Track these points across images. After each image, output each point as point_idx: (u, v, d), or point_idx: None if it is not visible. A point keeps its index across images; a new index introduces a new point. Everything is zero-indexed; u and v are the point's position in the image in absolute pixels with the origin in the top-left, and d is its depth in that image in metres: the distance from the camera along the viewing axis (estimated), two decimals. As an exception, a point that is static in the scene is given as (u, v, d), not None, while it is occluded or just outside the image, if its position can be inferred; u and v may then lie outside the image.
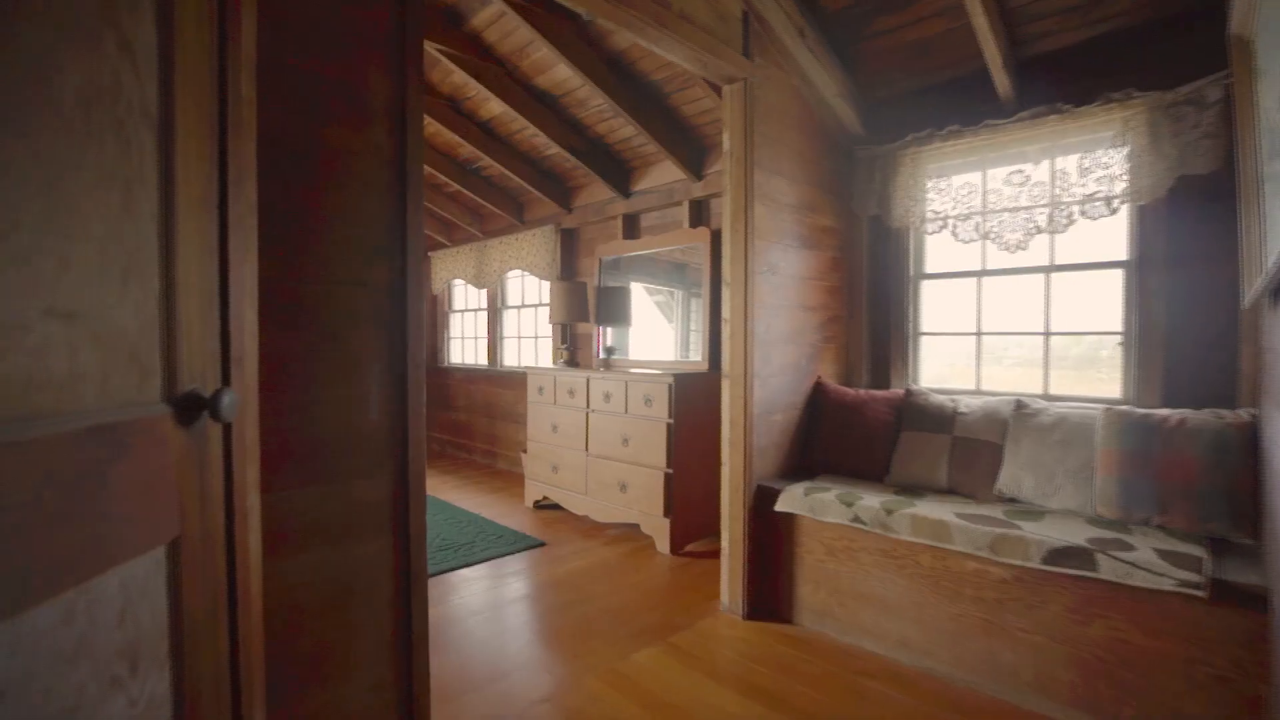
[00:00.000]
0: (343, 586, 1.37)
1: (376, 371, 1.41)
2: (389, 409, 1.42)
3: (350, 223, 1.37)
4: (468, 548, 3.25)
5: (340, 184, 1.36)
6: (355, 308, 1.38)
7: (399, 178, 1.44)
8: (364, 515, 1.39)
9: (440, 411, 6.27)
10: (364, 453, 1.39)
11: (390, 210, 1.43)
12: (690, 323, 3.87)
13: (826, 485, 2.42)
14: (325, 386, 1.33)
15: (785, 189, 2.65)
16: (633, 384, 3.39)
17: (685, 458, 3.25)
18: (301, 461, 1.30)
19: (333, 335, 1.35)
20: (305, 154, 1.31)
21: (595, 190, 4.40)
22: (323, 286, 1.33)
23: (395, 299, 1.43)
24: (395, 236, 1.43)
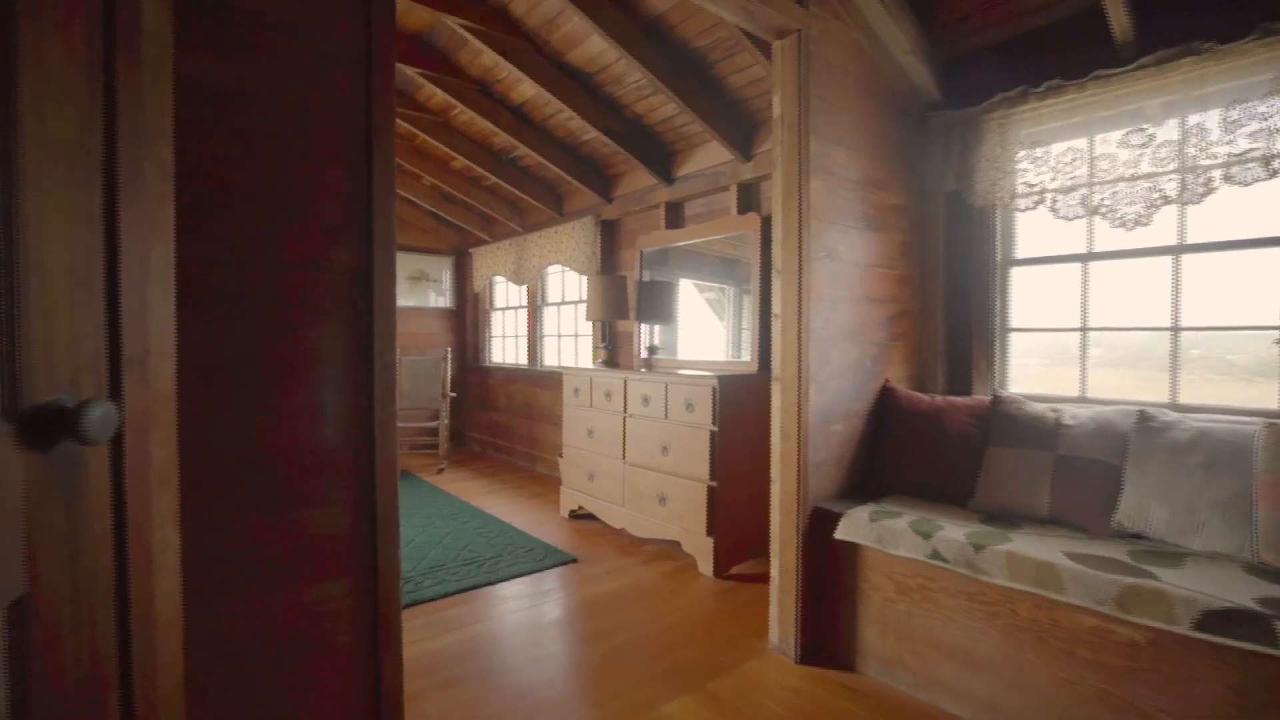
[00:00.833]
0: (293, 638, 1.12)
1: (336, 376, 1.15)
2: (351, 422, 1.16)
3: (303, 193, 1.12)
4: (494, 562, 3.02)
5: (290, 145, 1.11)
6: (309, 298, 1.12)
7: (364, 138, 1.18)
8: (320, 551, 1.14)
9: (481, 412, 6.13)
10: (319, 475, 1.13)
11: (354, 178, 1.17)
12: (742, 321, 3.53)
13: (896, 510, 2.04)
14: (270, 395, 1.08)
15: (846, 161, 2.28)
16: (673, 386, 3.07)
17: (731, 469, 2.91)
18: (238, 487, 1.06)
19: (280, 332, 1.09)
20: (244, 108, 1.06)
21: (636, 178, 4.10)
22: (267, 271, 1.08)
23: (360, 287, 1.17)
24: (360, 210, 1.17)
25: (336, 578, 1.15)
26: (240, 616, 1.06)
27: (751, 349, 3.29)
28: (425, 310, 6.15)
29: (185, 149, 1.00)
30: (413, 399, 5.59)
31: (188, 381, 1.00)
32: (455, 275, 6.33)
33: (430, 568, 2.94)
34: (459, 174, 5.04)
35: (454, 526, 3.59)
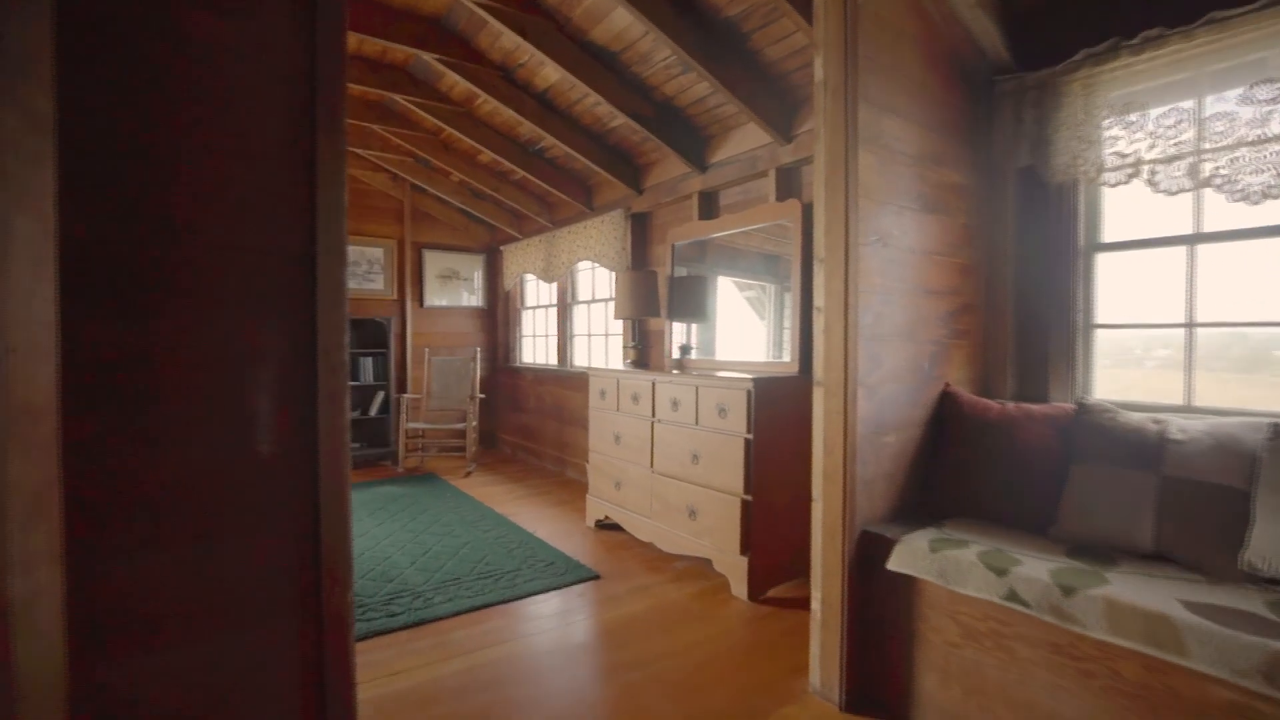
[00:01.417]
0: (215, 698, 0.91)
1: (270, 380, 0.94)
2: (291, 434, 0.96)
3: (230, 160, 0.92)
4: (511, 577, 2.82)
5: (214, 100, 0.91)
6: (235, 285, 0.92)
7: (308, 93, 0.97)
8: (250, 591, 0.93)
9: (511, 413, 5.98)
10: (250, 498, 0.93)
11: (295, 141, 0.96)
12: (783, 320, 3.24)
13: (962, 537, 1.73)
14: (187, 401, 0.88)
15: (900, 132, 1.98)
16: (704, 390, 2.81)
17: (768, 482, 2.63)
18: (143, 515, 0.86)
19: (199, 326, 0.89)
20: (154, 51, 0.87)
21: (667, 166, 3.85)
22: (183, 252, 0.88)
23: (300, 273, 0.96)
24: (301, 181, 0.96)
25: (270, 627, 0.95)
26: (144, 679, 0.86)
27: (792, 348, 3.00)
28: (456, 309, 6.04)
29: (72, 93, 0.81)
30: (442, 400, 5.48)
31: (76, 387, 0.80)
32: (486, 273, 6.21)
33: (444, 581, 2.76)
34: (486, 168, 4.89)
35: (474, 535, 3.41)
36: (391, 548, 3.21)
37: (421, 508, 3.97)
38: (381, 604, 2.53)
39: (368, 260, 5.51)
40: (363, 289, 5.49)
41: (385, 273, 5.60)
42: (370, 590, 2.66)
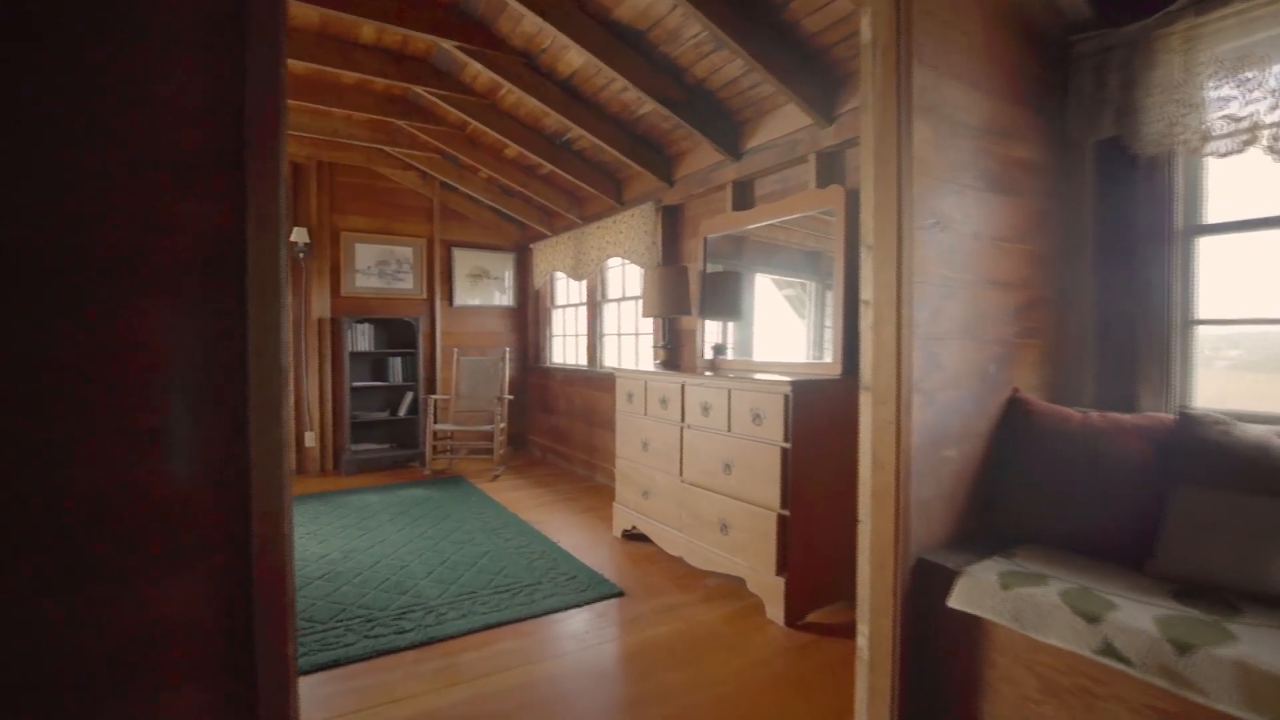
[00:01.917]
0: (120, 781, 0.75)
1: (189, 386, 0.77)
2: (214, 453, 0.78)
3: (127, 106, 0.75)
4: (530, 591, 2.64)
5: (96, 20, 0.74)
6: (143, 271, 0.75)
7: (235, 13, 0.79)
8: (161, 647, 0.76)
9: (541, 414, 5.84)
10: (162, 532, 0.76)
11: (216, 81, 0.79)
12: (824, 318, 2.99)
13: (1037, 570, 1.47)
14: (79, 414, 0.72)
15: (962, 100, 1.72)
16: (736, 393, 2.58)
17: (808, 495, 2.39)
18: (21, 554, 0.70)
19: (96, 321, 0.73)
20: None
21: (699, 155, 3.63)
22: (72, 231, 0.72)
23: (226, 257, 0.79)
24: (226, 137, 0.79)
25: (194, 683, 0.78)
26: (22, 754, 0.70)
27: (834, 348, 2.74)
28: (486, 309, 5.94)
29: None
30: (470, 401, 5.37)
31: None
32: (517, 272, 6.09)
33: (459, 595, 2.60)
34: (513, 163, 4.75)
35: (495, 545, 3.26)
36: (409, 555, 3.08)
37: (445, 513, 3.85)
38: (392, 618, 2.38)
39: (397, 259, 5.45)
40: (392, 288, 5.43)
41: (414, 272, 5.53)
42: (382, 602, 2.52)
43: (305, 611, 2.43)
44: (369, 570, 2.88)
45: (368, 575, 2.82)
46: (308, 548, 3.20)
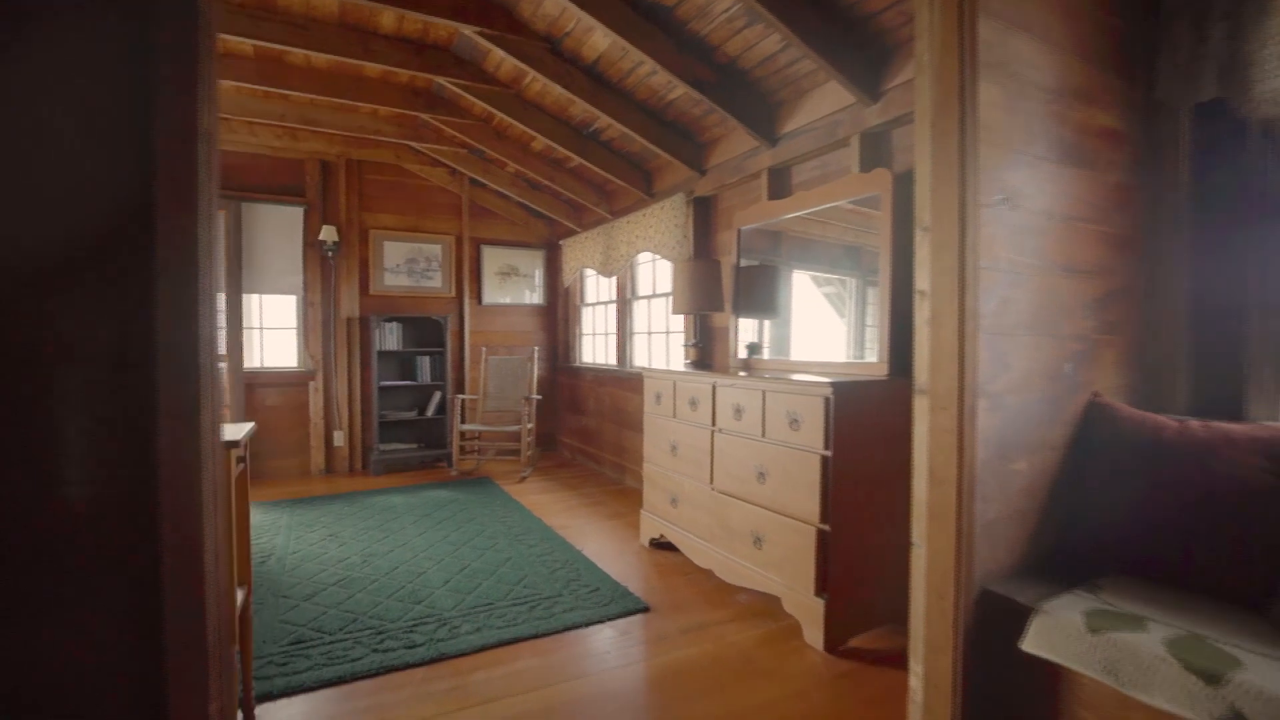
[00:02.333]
0: None
1: (82, 386, 0.63)
2: (119, 472, 0.64)
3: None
4: (550, 604, 2.49)
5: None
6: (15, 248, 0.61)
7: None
8: (51, 704, 0.62)
9: (571, 415, 5.71)
10: (52, 567, 0.62)
11: (121, 29, 0.64)
12: (865, 316, 2.77)
13: (1132, 610, 1.23)
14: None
15: (1035, 57, 1.49)
16: (771, 395, 2.38)
17: (851, 508, 2.17)
18: None
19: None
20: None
21: (732, 142, 3.42)
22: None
23: (129, 222, 0.64)
24: (122, 85, 0.64)
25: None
26: None
27: (880, 346, 2.51)
28: (516, 307, 5.84)
29: None
30: (498, 401, 5.28)
31: None
32: (546, 269, 5.97)
33: (475, 606, 2.47)
34: (540, 156, 4.62)
35: (517, 551, 3.12)
36: (428, 561, 2.97)
37: (468, 516, 3.74)
38: (404, 630, 2.26)
39: (425, 257, 5.39)
40: (421, 286, 5.37)
41: (443, 270, 5.46)
42: (395, 612, 2.40)
43: (315, 620, 2.33)
44: (385, 577, 2.77)
45: (383, 582, 2.71)
46: (327, 551, 3.12)
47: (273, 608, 2.46)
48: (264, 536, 3.36)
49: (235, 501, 1.77)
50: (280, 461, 4.86)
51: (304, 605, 2.48)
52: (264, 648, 2.13)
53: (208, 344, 0.68)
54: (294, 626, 2.29)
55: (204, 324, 0.67)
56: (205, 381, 0.67)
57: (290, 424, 4.89)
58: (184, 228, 0.65)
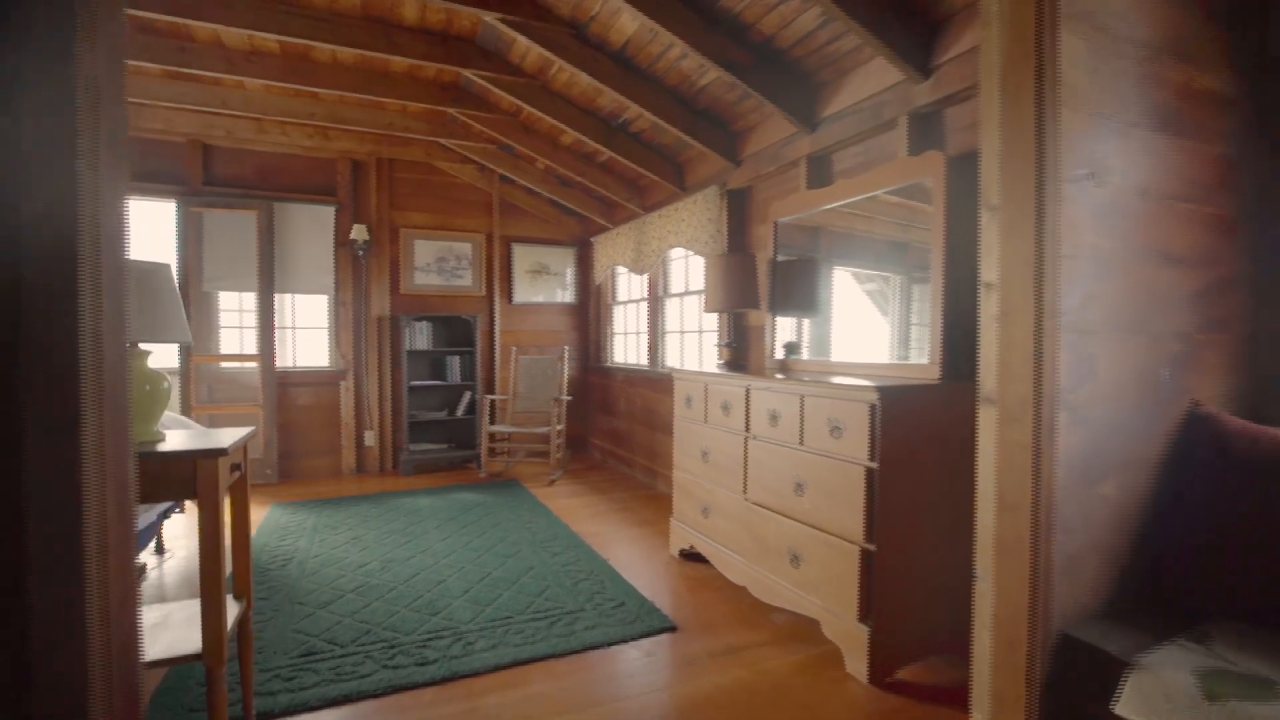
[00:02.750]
0: None
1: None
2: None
3: None
4: (571, 620, 2.35)
5: None
6: None
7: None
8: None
9: (602, 416, 5.58)
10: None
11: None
12: (910, 314, 2.54)
13: (1256, 670, 1.01)
14: None
15: (1126, 7, 1.26)
16: (810, 400, 2.18)
17: (899, 526, 1.96)
18: None
19: None
20: None
21: (769, 129, 3.22)
22: None
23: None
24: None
25: None
26: None
27: (931, 346, 2.28)
28: (546, 306, 5.73)
29: None
30: (528, 402, 5.18)
31: None
32: (578, 267, 5.85)
33: (493, 620, 2.34)
34: (570, 151, 4.50)
35: (541, 560, 2.99)
36: (449, 569, 2.86)
37: (493, 521, 3.64)
38: (417, 645, 2.15)
39: (455, 256, 5.33)
40: (451, 285, 5.32)
41: (473, 268, 5.39)
42: (410, 624, 2.30)
43: (328, 631, 2.24)
44: (404, 584, 2.68)
45: (401, 590, 2.61)
46: (349, 555, 3.05)
47: (288, 615, 2.38)
48: (288, 539, 3.32)
49: (233, 510, 1.68)
50: (312, 461, 4.87)
51: (319, 614, 2.40)
52: (273, 659, 2.04)
53: (96, 340, 0.55)
54: (307, 637, 2.21)
55: (85, 321, 0.53)
56: (89, 384, 0.54)
57: (322, 423, 4.89)
58: (60, 149, 0.52)
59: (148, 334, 1.43)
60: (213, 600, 1.36)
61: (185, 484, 1.34)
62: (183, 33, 3.32)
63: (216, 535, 1.37)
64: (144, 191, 4.33)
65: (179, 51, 3.40)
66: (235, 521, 1.66)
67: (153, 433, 1.46)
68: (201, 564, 1.36)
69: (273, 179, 4.69)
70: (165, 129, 4.28)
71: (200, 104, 3.96)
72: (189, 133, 4.35)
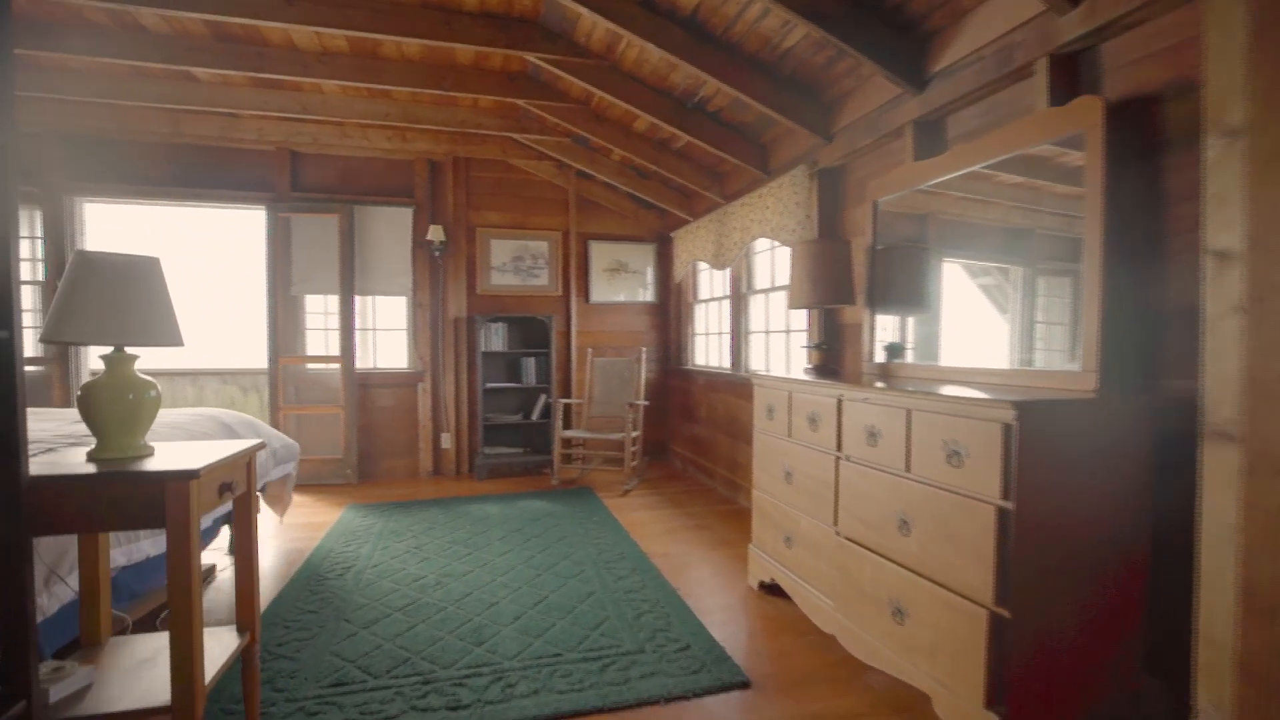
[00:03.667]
0: None
1: None
2: None
3: None
4: (626, 664, 2.04)
5: None
6: None
7: None
8: None
9: (682, 422, 5.25)
10: None
11: None
12: (1034, 313, 2.03)
13: None
14: None
15: None
16: (920, 415, 1.74)
17: (1045, 589, 1.49)
18: None
19: None
20: None
21: (867, 94, 2.76)
22: None
23: None
24: None
25: None
26: None
27: (1086, 348, 1.76)
28: (624, 306, 5.48)
29: None
30: (604, 406, 4.95)
31: None
32: (657, 265, 5.56)
33: (539, 657, 2.08)
34: (644, 138, 4.20)
35: (604, 583, 2.71)
36: (503, 589, 2.64)
37: (559, 534, 3.40)
38: (453, 683, 1.92)
39: (532, 254, 5.19)
40: (527, 285, 5.19)
41: (550, 267, 5.24)
42: (451, 655, 2.08)
43: (365, 657, 2.07)
44: (454, 605, 2.48)
45: (450, 613, 2.42)
46: (407, 566, 2.92)
47: (331, 634, 2.24)
48: (353, 544, 3.25)
49: (237, 534, 1.50)
50: (391, 462, 4.88)
51: (362, 634, 2.24)
52: (302, 688, 1.88)
53: None
54: (342, 662, 2.04)
55: None
56: None
57: (401, 425, 4.90)
58: None
59: (129, 336, 1.27)
60: (183, 643, 1.16)
61: (152, 508, 1.16)
62: (257, 37, 3.34)
63: (188, 568, 1.17)
64: (238, 199, 4.50)
65: (256, 57, 3.43)
66: (239, 546, 1.48)
67: (137, 446, 1.30)
68: (171, 602, 1.17)
69: (354, 182, 4.75)
70: (257, 138, 4.42)
71: (284, 110, 4.02)
72: (277, 140, 4.47)
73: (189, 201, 4.47)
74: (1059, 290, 1.98)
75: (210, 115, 4.27)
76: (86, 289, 1.23)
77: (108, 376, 1.27)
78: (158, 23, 3.18)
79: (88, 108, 4.07)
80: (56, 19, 3.14)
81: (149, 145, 4.36)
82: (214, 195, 4.45)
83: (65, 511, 1.12)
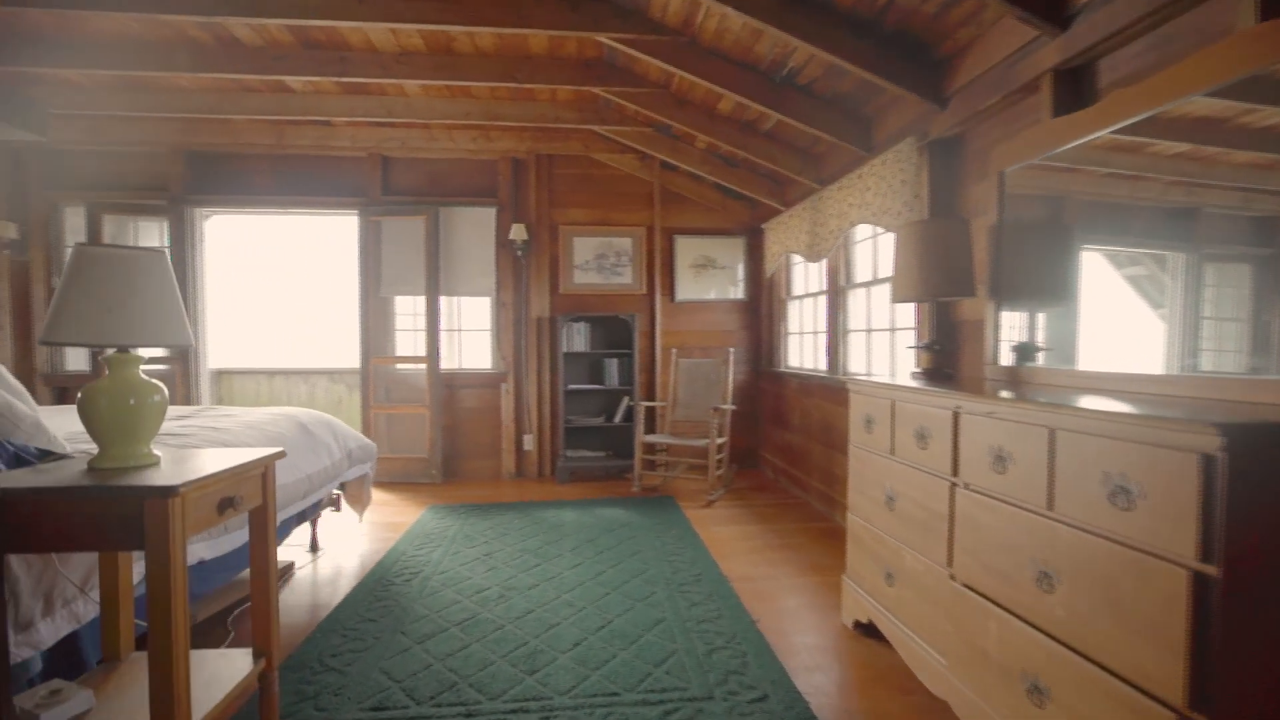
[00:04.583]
0: None
1: None
2: None
3: None
4: (691, 710, 1.76)
5: None
6: None
7: None
8: None
9: (774, 428, 4.86)
10: None
11: None
12: (1202, 305, 1.53)
13: None
14: None
15: None
16: (1067, 436, 1.33)
17: (1265, 690, 1.05)
18: None
19: None
20: None
21: (991, 43, 2.31)
22: None
23: None
24: None
25: None
26: None
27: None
28: (712, 303, 5.18)
29: None
30: (688, 410, 4.67)
31: None
32: (748, 259, 5.20)
33: (594, 695, 1.85)
34: (729, 120, 3.89)
35: (675, 609, 2.45)
36: (566, 609, 2.45)
37: (634, 548, 3.18)
38: (497, 717, 1.74)
39: (615, 252, 5.02)
40: (610, 283, 5.02)
41: (633, 265, 5.04)
42: (500, 683, 1.90)
43: (412, 678, 1.93)
44: (513, 623, 2.32)
45: (507, 632, 2.25)
46: (473, 575, 2.81)
47: (385, 647, 2.14)
48: (425, 547, 3.19)
49: (253, 549, 1.38)
50: (475, 463, 4.89)
51: (414, 650, 2.12)
52: (342, 710, 1.77)
53: None
54: (389, 682, 1.92)
55: None
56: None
57: (485, 426, 4.89)
58: None
59: (130, 335, 1.16)
60: (162, 672, 1.03)
61: (130, 528, 1.03)
62: (338, 41, 3.38)
63: (167, 594, 1.04)
64: (332, 205, 4.66)
65: (340, 61, 3.48)
66: (254, 566, 1.36)
67: (140, 455, 1.19)
68: (150, 630, 1.04)
69: (440, 184, 4.79)
70: (350, 145, 4.56)
71: (370, 115, 4.10)
72: (369, 147, 4.58)
73: (291, 209, 4.69)
74: (1233, 279, 1.53)
75: (307, 125, 4.45)
76: (86, 286, 1.14)
77: (108, 380, 1.18)
78: (248, 34, 3.29)
79: (200, 123, 4.35)
80: (163, 38, 3.32)
81: (256, 156, 4.62)
82: (313, 202, 4.64)
83: (43, 528, 1.03)
